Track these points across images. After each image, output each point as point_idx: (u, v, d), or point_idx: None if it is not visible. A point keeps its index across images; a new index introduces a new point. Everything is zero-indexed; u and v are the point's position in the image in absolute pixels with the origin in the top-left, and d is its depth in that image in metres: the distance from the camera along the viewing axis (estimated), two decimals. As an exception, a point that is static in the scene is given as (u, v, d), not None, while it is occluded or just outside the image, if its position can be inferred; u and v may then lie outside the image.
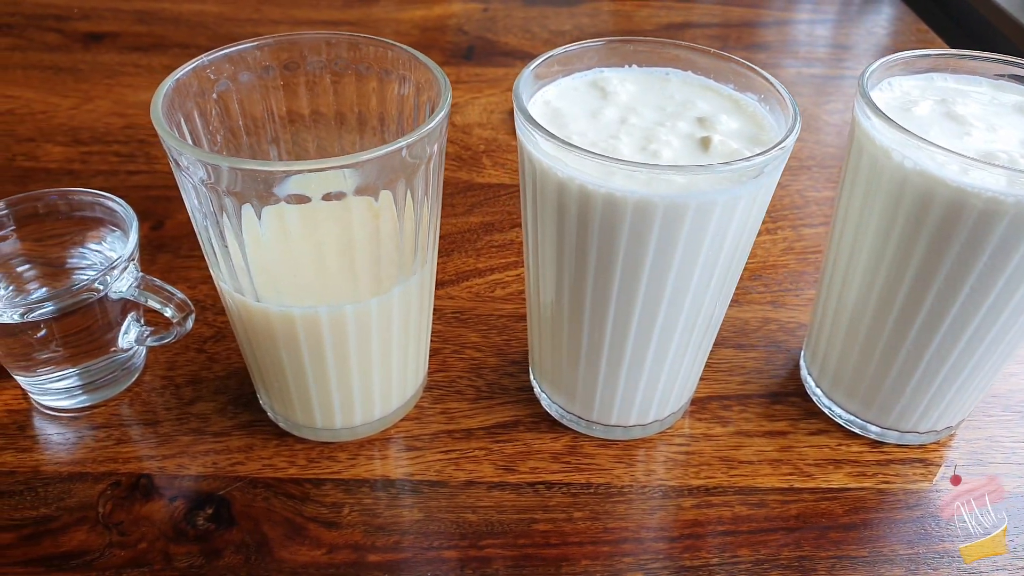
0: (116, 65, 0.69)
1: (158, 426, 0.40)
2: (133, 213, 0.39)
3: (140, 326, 0.40)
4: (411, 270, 0.34)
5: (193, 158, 0.29)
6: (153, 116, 0.31)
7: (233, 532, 0.36)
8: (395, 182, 0.31)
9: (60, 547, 0.35)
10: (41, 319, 0.36)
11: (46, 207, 0.39)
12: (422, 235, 0.34)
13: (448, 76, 0.34)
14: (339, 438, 0.39)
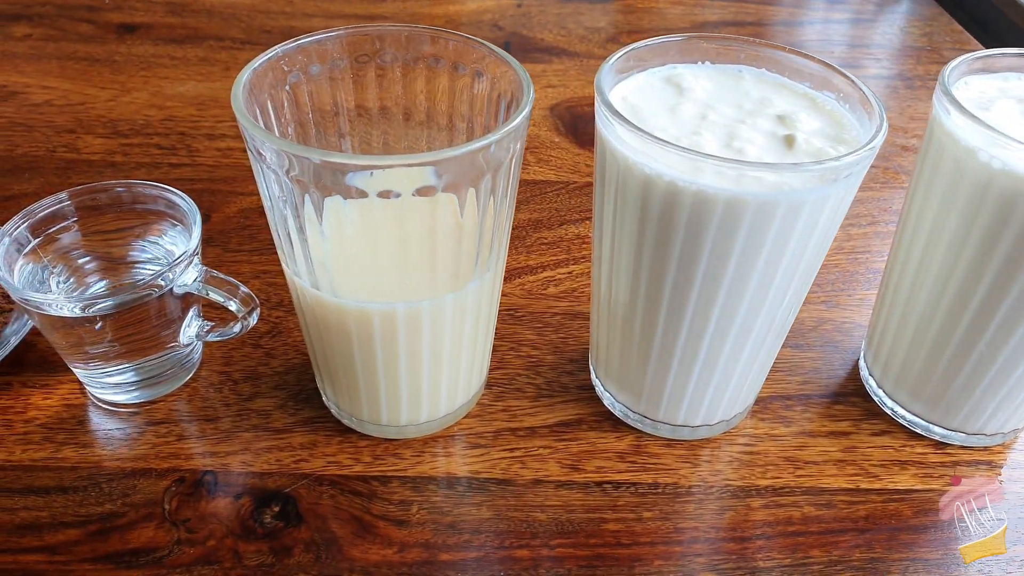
0: (151, 57, 0.69)
1: (218, 422, 0.40)
2: (196, 207, 0.38)
3: (201, 321, 0.39)
4: (487, 266, 0.34)
5: (277, 148, 0.28)
6: (235, 105, 0.30)
7: (301, 530, 0.35)
8: (480, 179, 0.30)
9: (128, 544, 0.34)
10: (100, 314, 0.36)
11: (109, 199, 0.38)
12: (499, 231, 0.34)
13: None
14: (404, 435, 0.39)
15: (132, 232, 0.39)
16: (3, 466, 0.37)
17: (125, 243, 0.40)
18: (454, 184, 0.30)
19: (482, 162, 0.30)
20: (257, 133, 0.29)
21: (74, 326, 0.36)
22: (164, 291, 0.36)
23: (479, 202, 0.31)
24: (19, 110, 0.61)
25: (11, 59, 0.67)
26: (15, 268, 0.37)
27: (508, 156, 0.31)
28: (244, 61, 0.71)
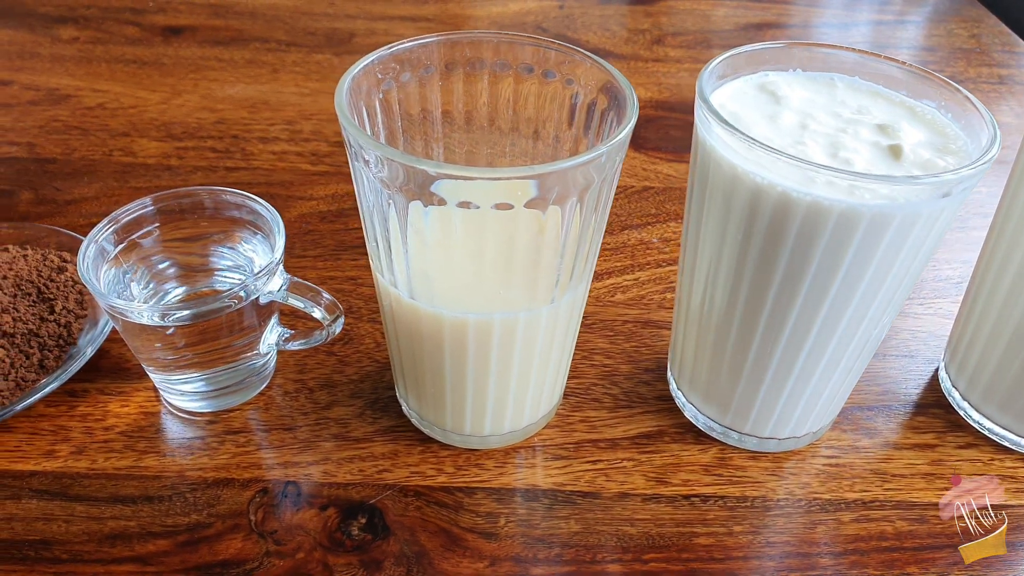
0: (199, 59, 0.69)
1: (297, 431, 0.39)
2: (278, 215, 0.38)
3: (281, 329, 0.39)
4: (581, 278, 0.34)
5: (383, 156, 0.28)
6: (339, 112, 0.30)
7: (390, 542, 0.35)
8: (585, 191, 0.30)
9: (217, 555, 0.34)
10: (185, 323, 0.35)
11: (192, 205, 0.38)
12: (594, 244, 0.33)
13: None
14: (485, 445, 0.39)
15: (212, 239, 0.39)
16: (87, 474, 0.37)
17: (205, 249, 0.39)
18: (560, 196, 0.29)
19: (591, 174, 0.30)
20: (362, 140, 0.29)
21: (157, 333, 0.36)
22: (249, 299, 0.36)
23: (581, 214, 0.31)
24: (73, 113, 0.61)
25: (61, 62, 0.67)
26: (100, 274, 0.36)
27: (613, 168, 0.31)
28: (291, 63, 0.71)
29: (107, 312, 0.35)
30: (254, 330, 0.37)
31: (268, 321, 0.38)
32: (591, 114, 0.35)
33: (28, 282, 0.43)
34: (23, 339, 0.40)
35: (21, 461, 0.37)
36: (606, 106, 0.34)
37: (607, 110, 0.34)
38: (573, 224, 0.31)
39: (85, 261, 0.36)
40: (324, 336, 0.38)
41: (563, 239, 0.31)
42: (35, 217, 0.51)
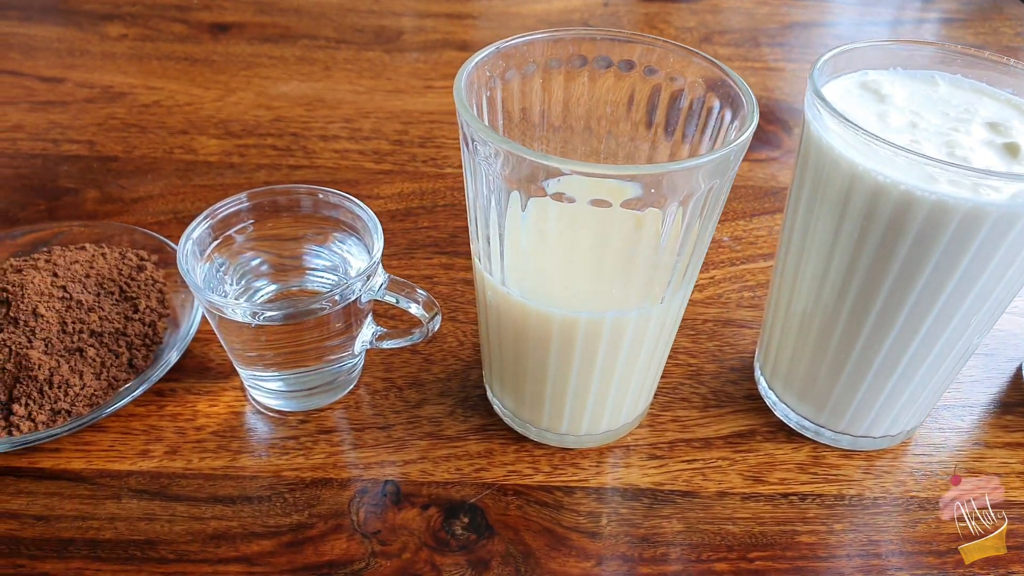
0: (249, 56, 0.68)
1: (390, 430, 0.39)
2: (375, 217, 0.38)
3: (375, 327, 0.39)
4: (690, 279, 0.34)
5: (502, 149, 0.28)
6: (458, 103, 0.30)
7: (495, 542, 0.35)
8: (711, 189, 0.30)
9: (323, 556, 0.34)
10: (279, 322, 0.35)
11: (289, 203, 0.38)
12: (704, 245, 0.33)
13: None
14: (580, 444, 0.38)
15: (307, 237, 0.39)
16: (184, 474, 0.37)
17: (299, 248, 0.39)
18: (681, 197, 0.29)
19: (709, 173, 0.29)
20: (482, 132, 0.28)
21: (254, 331, 0.35)
22: (350, 300, 0.35)
23: (702, 215, 0.31)
24: (130, 111, 0.61)
25: (112, 59, 0.67)
26: (197, 269, 0.36)
27: (731, 170, 0.31)
28: (343, 61, 0.71)
29: (205, 308, 0.35)
30: (350, 330, 0.37)
31: (364, 320, 0.38)
32: (698, 116, 0.34)
33: (110, 280, 0.43)
34: (111, 338, 0.40)
35: (117, 461, 0.37)
36: (718, 107, 0.33)
37: (720, 111, 0.33)
38: (692, 224, 0.31)
39: (184, 255, 0.35)
40: (424, 334, 0.37)
41: (681, 239, 0.31)
42: (103, 215, 0.51)
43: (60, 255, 0.44)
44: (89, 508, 0.35)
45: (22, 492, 0.36)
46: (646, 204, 0.28)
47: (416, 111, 0.62)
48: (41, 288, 0.40)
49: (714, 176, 0.29)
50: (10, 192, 0.53)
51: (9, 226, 0.50)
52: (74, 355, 0.39)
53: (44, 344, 0.38)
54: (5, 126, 0.58)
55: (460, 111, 0.30)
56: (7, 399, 0.37)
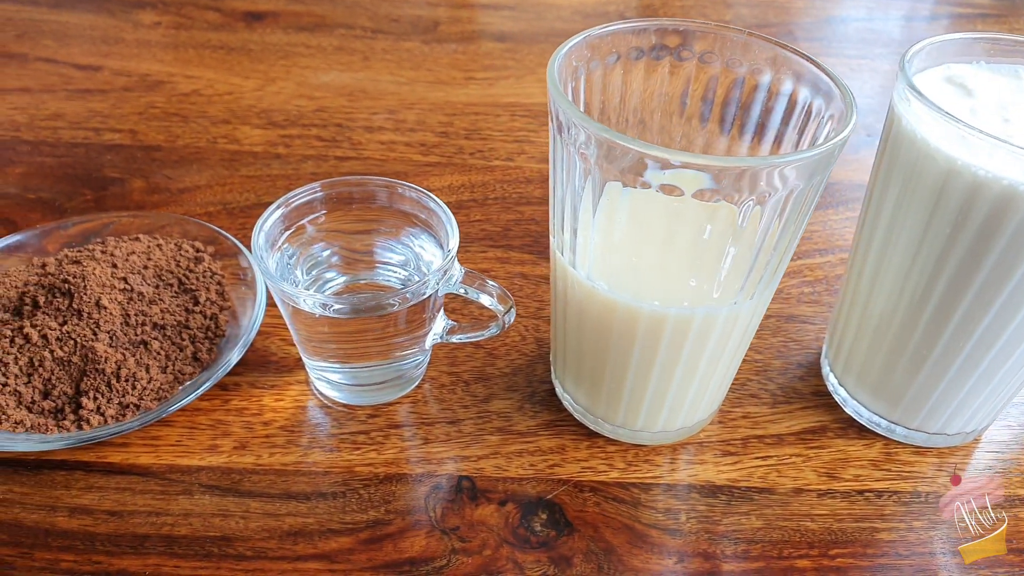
0: (286, 46, 0.67)
1: (460, 425, 0.39)
2: (449, 211, 0.37)
3: (446, 321, 0.38)
4: (777, 276, 0.33)
5: (604, 137, 0.27)
6: (551, 87, 0.29)
7: (575, 539, 0.34)
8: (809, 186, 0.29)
9: (403, 553, 0.33)
10: (345, 315, 0.35)
11: (363, 195, 0.37)
12: (795, 242, 0.33)
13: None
14: (654, 441, 0.38)
15: (379, 231, 0.38)
16: (255, 470, 0.36)
17: (370, 241, 0.39)
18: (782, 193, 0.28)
19: (810, 171, 0.29)
20: (582, 120, 0.28)
21: (328, 323, 0.35)
22: (428, 294, 0.35)
23: (800, 212, 0.30)
24: (169, 100, 0.60)
25: (147, 47, 0.66)
26: (270, 258, 0.36)
27: (829, 168, 0.30)
28: (381, 51, 0.71)
29: (278, 298, 0.35)
30: (424, 324, 0.37)
31: (437, 315, 0.37)
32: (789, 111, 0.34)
33: (168, 272, 0.42)
34: (173, 331, 0.39)
35: (185, 456, 0.37)
36: (810, 103, 0.33)
37: (812, 107, 0.33)
38: (791, 221, 0.30)
39: (257, 244, 0.35)
40: (500, 327, 0.37)
41: (778, 235, 0.30)
42: (151, 206, 0.50)
43: (115, 246, 0.43)
44: (161, 504, 0.35)
45: (92, 487, 0.35)
46: (745, 199, 0.28)
47: (459, 102, 0.62)
48: (102, 279, 0.39)
49: (815, 173, 0.29)
50: (55, 182, 0.52)
51: (57, 216, 0.49)
52: (139, 348, 0.38)
53: (109, 337, 0.38)
54: (45, 114, 0.57)
55: (556, 99, 0.29)
56: (74, 392, 0.37)
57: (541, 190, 0.53)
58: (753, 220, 0.30)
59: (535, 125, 0.60)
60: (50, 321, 0.38)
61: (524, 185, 0.54)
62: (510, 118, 0.60)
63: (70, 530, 0.33)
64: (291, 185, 0.53)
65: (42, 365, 0.37)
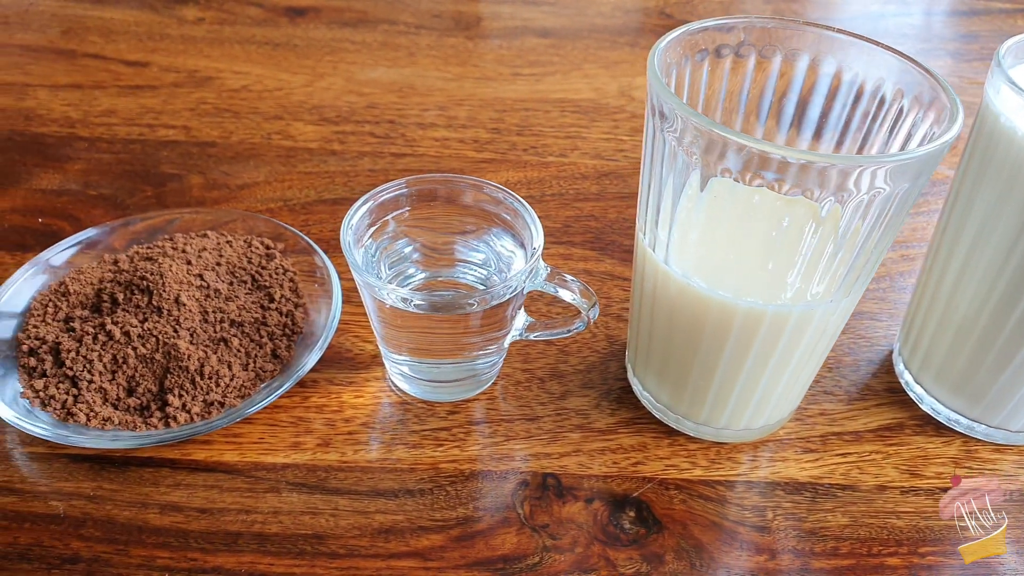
0: (331, 41, 0.67)
1: (539, 422, 0.39)
2: (532, 209, 0.37)
3: (526, 318, 0.38)
4: (871, 274, 0.33)
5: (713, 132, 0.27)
6: (653, 78, 0.30)
7: (664, 536, 0.34)
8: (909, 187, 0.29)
9: (495, 550, 0.33)
10: (426, 311, 0.35)
11: (448, 192, 0.37)
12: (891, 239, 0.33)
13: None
14: (735, 439, 0.38)
15: (463, 229, 0.38)
16: (340, 467, 0.36)
17: (452, 238, 0.39)
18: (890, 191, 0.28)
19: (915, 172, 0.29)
20: (677, 106, 0.28)
21: (415, 318, 0.35)
22: (514, 292, 0.35)
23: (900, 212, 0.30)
24: (219, 96, 0.59)
25: (193, 43, 0.66)
26: (357, 251, 0.36)
27: (932, 169, 0.30)
28: (426, 47, 0.70)
29: (364, 291, 0.35)
30: (506, 322, 0.37)
31: (518, 312, 0.37)
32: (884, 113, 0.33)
33: (241, 269, 0.42)
34: (251, 328, 0.39)
35: (270, 453, 0.37)
36: (908, 105, 0.32)
37: (911, 109, 0.32)
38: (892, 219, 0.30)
39: (346, 237, 0.35)
40: (584, 323, 0.37)
41: (880, 233, 0.30)
42: (211, 202, 0.50)
43: (186, 243, 0.43)
44: (250, 501, 0.35)
45: (180, 484, 0.35)
46: (852, 198, 0.28)
47: (508, 99, 0.61)
48: (179, 276, 0.39)
49: (922, 173, 0.29)
50: (114, 178, 0.52)
51: (119, 212, 0.49)
52: (219, 345, 0.38)
53: (189, 334, 0.38)
54: (98, 111, 0.57)
55: (661, 93, 0.29)
56: (158, 390, 0.37)
57: (597, 186, 0.53)
58: (857, 220, 0.30)
59: (585, 121, 0.60)
60: (130, 318, 0.38)
61: (580, 181, 0.54)
62: (560, 114, 0.60)
63: (162, 527, 0.34)
64: (349, 182, 0.53)
65: (126, 362, 0.37)
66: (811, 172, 0.27)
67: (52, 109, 0.57)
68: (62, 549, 0.33)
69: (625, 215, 0.51)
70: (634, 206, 0.52)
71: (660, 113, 0.30)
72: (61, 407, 0.36)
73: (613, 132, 0.59)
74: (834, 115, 0.35)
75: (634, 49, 0.69)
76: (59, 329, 0.39)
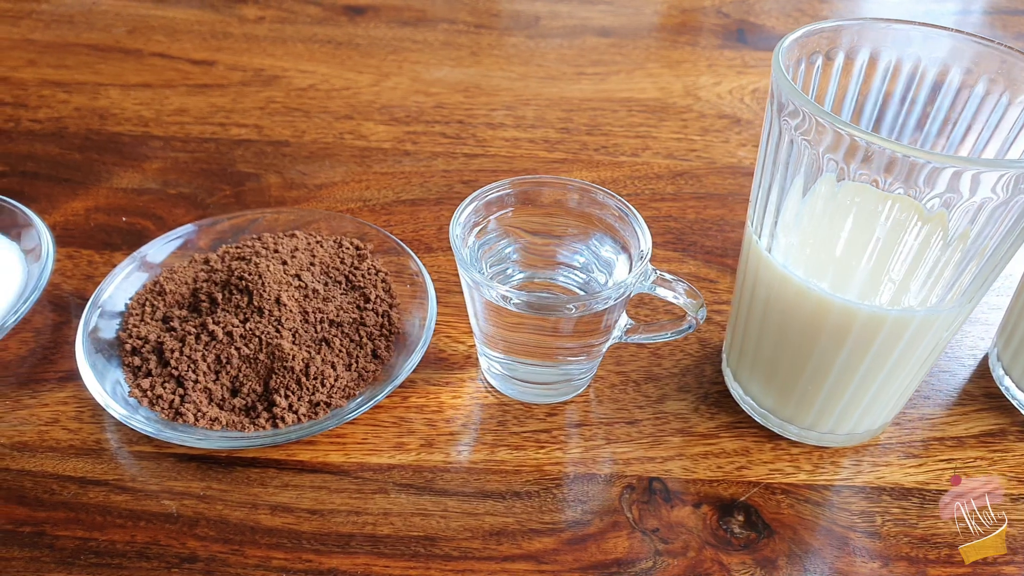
0: (393, 40, 0.67)
1: (639, 425, 0.38)
2: (639, 214, 0.36)
3: (627, 320, 0.38)
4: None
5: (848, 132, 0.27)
6: (780, 74, 0.29)
7: (776, 541, 0.34)
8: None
9: (608, 554, 0.33)
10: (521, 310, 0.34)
11: (553, 194, 0.37)
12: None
13: (728, 60, 0.31)
14: (837, 443, 0.38)
15: (565, 232, 0.38)
16: (446, 468, 0.36)
17: (554, 241, 0.38)
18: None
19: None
20: (813, 110, 0.28)
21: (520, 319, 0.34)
22: (624, 297, 0.34)
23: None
24: (288, 95, 0.60)
25: (256, 42, 0.66)
26: (464, 249, 0.36)
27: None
28: (488, 46, 0.70)
29: (473, 290, 0.35)
30: (605, 328, 0.36)
31: (619, 317, 0.37)
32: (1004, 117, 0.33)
33: (334, 269, 0.42)
34: (351, 328, 0.39)
35: (374, 454, 0.37)
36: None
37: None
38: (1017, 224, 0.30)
39: (454, 234, 0.35)
40: (692, 325, 0.37)
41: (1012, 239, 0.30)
42: (291, 202, 0.50)
43: (276, 243, 0.43)
44: (359, 502, 0.35)
45: (288, 485, 0.35)
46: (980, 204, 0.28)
47: (574, 98, 0.61)
48: (277, 276, 0.39)
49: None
50: (192, 177, 0.52)
51: (200, 211, 0.49)
52: (321, 346, 0.38)
53: (292, 334, 0.38)
54: (169, 110, 0.57)
55: (783, 87, 0.29)
56: (263, 390, 0.37)
57: (673, 186, 0.53)
58: (985, 225, 0.29)
59: (654, 120, 0.59)
60: (231, 318, 0.38)
61: (655, 181, 0.53)
62: (627, 113, 0.60)
63: (275, 528, 0.34)
64: (425, 183, 0.53)
65: (229, 362, 0.37)
66: (948, 178, 0.27)
67: (125, 108, 0.57)
68: (179, 548, 0.33)
69: (704, 216, 0.51)
70: (712, 207, 0.52)
71: (787, 111, 0.30)
72: (169, 407, 0.36)
73: (683, 132, 0.58)
74: (956, 119, 0.35)
75: (695, 49, 0.69)
76: (159, 328, 0.39)
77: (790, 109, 0.30)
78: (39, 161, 0.53)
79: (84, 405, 0.38)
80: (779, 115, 0.31)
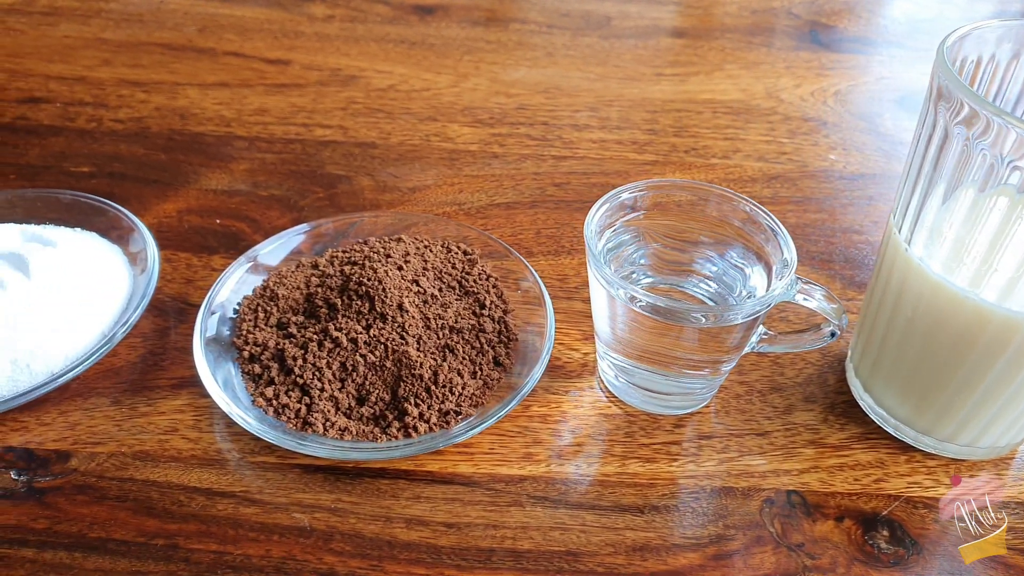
0: (467, 40, 0.66)
1: (770, 437, 0.37)
2: (780, 224, 0.35)
3: (761, 329, 0.37)
4: None
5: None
6: (946, 72, 0.28)
7: (926, 557, 0.33)
8: None
9: (756, 570, 0.32)
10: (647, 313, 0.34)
11: (689, 199, 0.36)
12: None
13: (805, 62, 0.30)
14: (978, 456, 0.37)
15: (699, 239, 0.37)
16: (578, 480, 0.35)
17: (688, 248, 0.37)
18: None
19: None
20: (992, 112, 0.27)
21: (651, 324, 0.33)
22: (764, 309, 0.34)
23: None
24: (368, 95, 0.59)
25: (329, 41, 0.65)
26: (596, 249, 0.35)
27: None
28: (562, 47, 0.69)
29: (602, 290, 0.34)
30: (738, 341, 0.35)
31: (754, 331, 0.36)
32: None
33: (447, 275, 0.41)
34: (471, 335, 0.38)
35: (504, 465, 0.36)
36: None
37: None
38: None
39: (589, 234, 0.34)
40: (835, 332, 0.35)
41: None
42: (386, 204, 0.49)
43: (383, 247, 0.42)
44: (495, 515, 0.34)
45: (420, 497, 0.34)
46: None
47: (657, 99, 0.60)
48: (397, 282, 0.38)
49: None
50: (282, 179, 0.51)
51: (295, 214, 0.48)
52: (445, 352, 0.37)
53: (416, 341, 0.37)
54: (250, 109, 0.56)
55: (950, 82, 0.28)
56: (391, 399, 0.36)
57: (769, 189, 0.52)
58: None
59: (740, 122, 0.58)
60: (354, 324, 0.37)
61: (750, 184, 0.52)
62: (712, 115, 0.59)
63: (411, 542, 0.33)
64: (517, 186, 0.52)
65: (355, 370, 0.36)
66: None
67: (205, 108, 0.57)
68: (316, 563, 0.32)
69: (804, 220, 0.50)
70: (811, 211, 0.51)
71: (965, 121, 0.29)
72: (295, 416, 0.35)
73: (771, 134, 0.57)
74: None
75: (770, 50, 0.68)
76: (276, 335, 0.38)
77: (965, 112, 0.29)
78: (125, 162, 0.52)
79: (201, 413, 0.37)
80: (949, 117, 0.30)
